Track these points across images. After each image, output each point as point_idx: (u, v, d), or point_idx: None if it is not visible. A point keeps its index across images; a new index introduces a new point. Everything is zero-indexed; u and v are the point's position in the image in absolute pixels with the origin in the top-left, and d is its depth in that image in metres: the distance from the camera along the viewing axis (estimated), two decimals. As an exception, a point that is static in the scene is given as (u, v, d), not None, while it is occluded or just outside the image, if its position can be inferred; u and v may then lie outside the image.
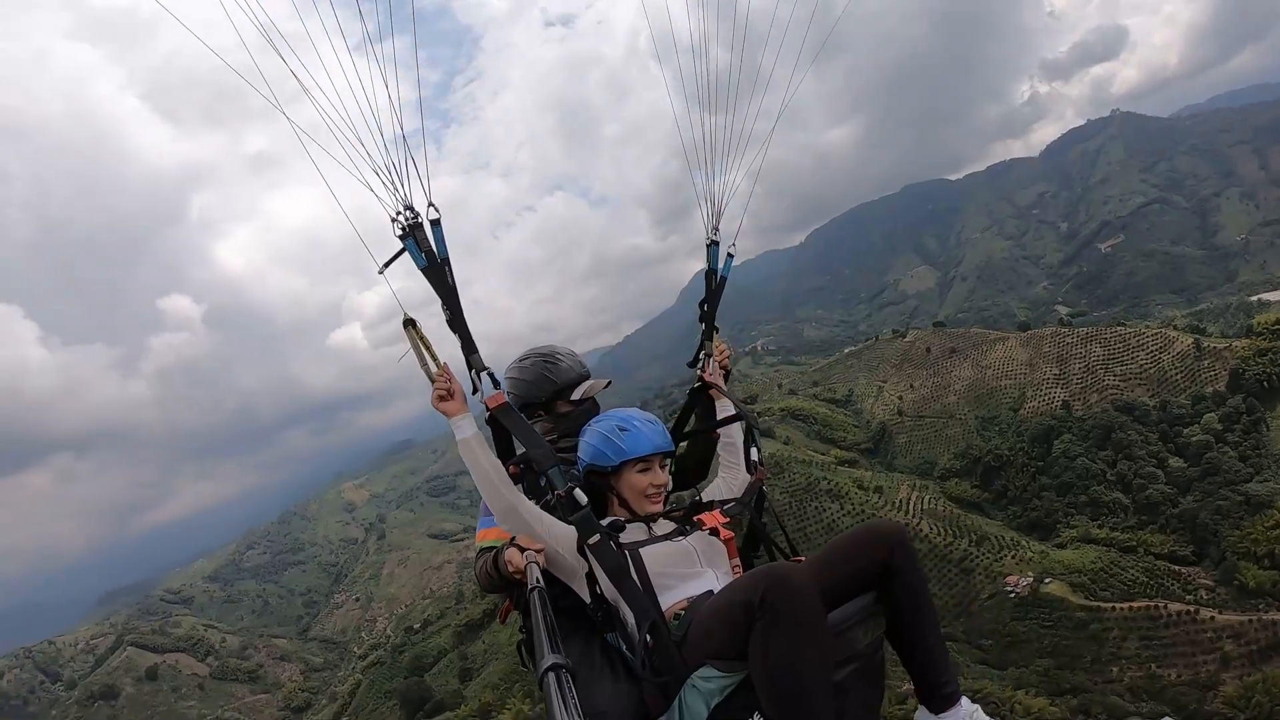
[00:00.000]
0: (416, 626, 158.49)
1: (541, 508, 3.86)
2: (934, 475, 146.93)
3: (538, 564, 3.62)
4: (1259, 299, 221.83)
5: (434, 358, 3.81)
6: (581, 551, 3.59)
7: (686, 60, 4.45)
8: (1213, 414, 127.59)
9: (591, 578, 3.61)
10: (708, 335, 5.02)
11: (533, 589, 3.42)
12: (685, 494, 4.58)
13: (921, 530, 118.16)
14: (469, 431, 3.76)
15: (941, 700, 3.41)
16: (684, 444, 4.78)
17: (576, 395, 4.63)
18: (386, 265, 3.77)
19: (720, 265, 5.05)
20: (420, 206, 3.73)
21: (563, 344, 4.83)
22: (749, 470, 4.38)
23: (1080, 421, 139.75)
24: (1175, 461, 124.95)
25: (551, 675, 2.49)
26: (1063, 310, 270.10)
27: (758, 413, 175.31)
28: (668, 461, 4.12)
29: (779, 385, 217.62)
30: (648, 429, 4.02)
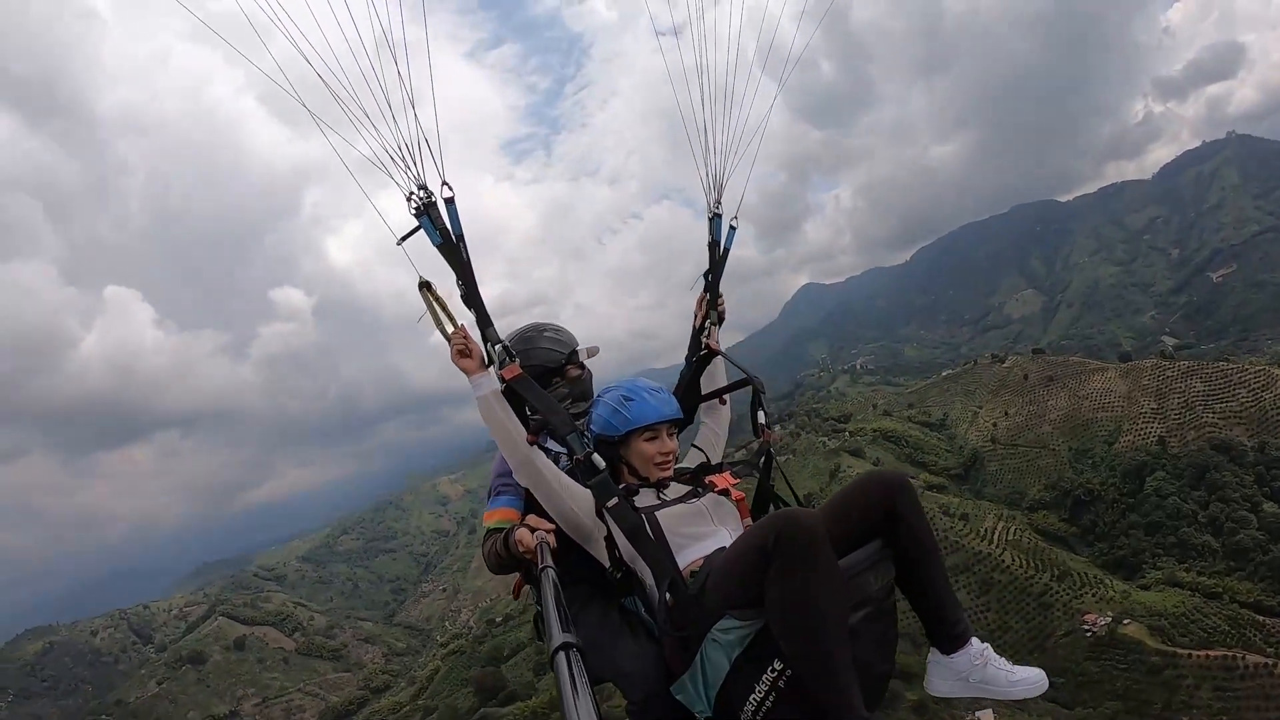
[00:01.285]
0: (499, 619, 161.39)
1: None
2: (1022, 506, 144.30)
3: (548, 544, 3.79)
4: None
5: (450, 318, 4.02)
6: (600, 515, 3.79)
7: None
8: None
9: (610, 541, 3.81)
10: (713, 305, 5.05)
11: (543, 568, 3.56)
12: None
13: (1004, 561, 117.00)
14: (488, 388, 3.95)
15: (952, 641, 3.54)
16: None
17: (583, 358, 4.92)
18: (404, 239, 3.92)
19: (723, 238, 5.07)
20: (434, 185, 3.87)
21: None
22: (756, 433, 4.55)
23: (1175, 459, 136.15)
24: (1270, 506, 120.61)
25: (562, 654, 2.53)
26: (1169, 341, 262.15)
27: (849, 432, 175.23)
28: (675, 429, 4.29)
29: (874, 405, 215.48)
30: (653, 398, 4.17)
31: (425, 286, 3.90)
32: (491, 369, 3.99)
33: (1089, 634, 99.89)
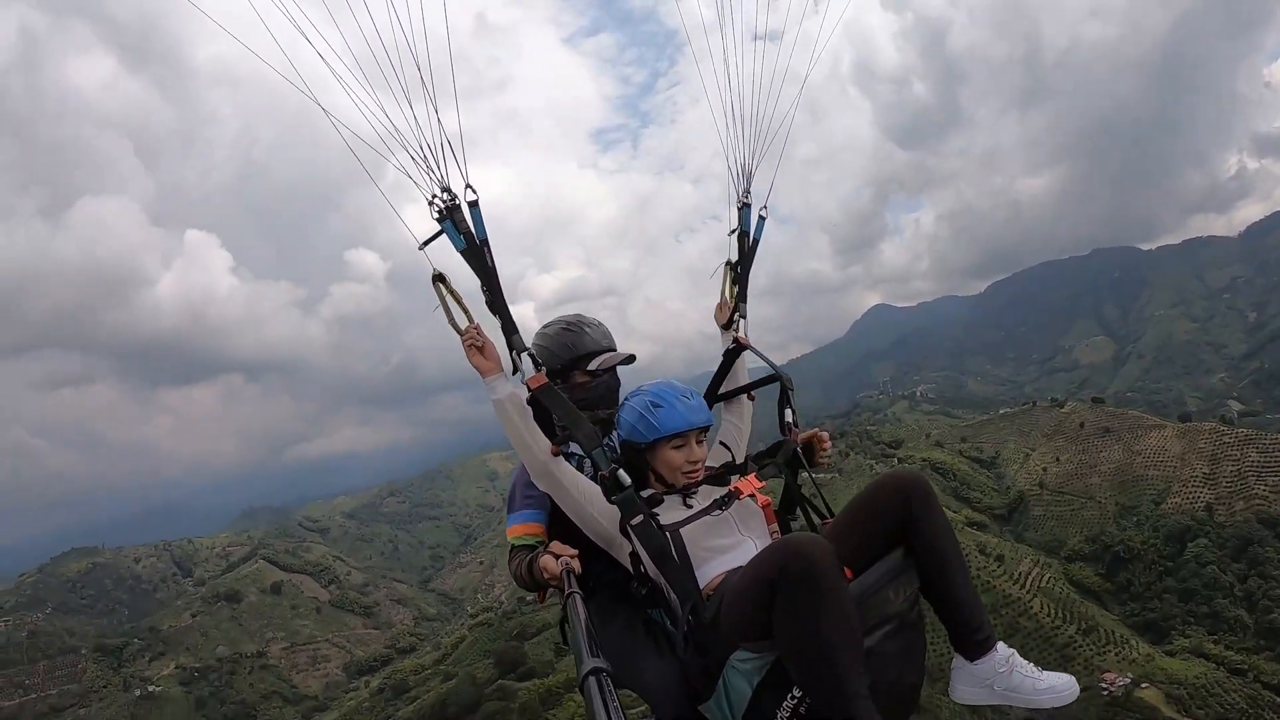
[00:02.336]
0: (529, 599, 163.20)
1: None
2: (1060, 555, 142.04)
3: (572, 570, 3.70)
4: None
5: (466, 313, 3.89)
6: (624, 531, 3.65)
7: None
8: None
9: (635, 557, 3.67)
10: (741, 297, 4.96)
11: (569, 594, 3.52)
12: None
13: (1032, 608, 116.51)
14: (504, 392, 3.82)
15: (976, 646, 3.43)
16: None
17: (593, 366, 4.61)
18: (426, 244, 3.81)
19: (752, 228, 5.00)
20: (458, 188, 3.77)
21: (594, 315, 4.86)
22: (783, 431, 4.39)
23: (1220, 527, 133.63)
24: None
25: (592, 679, 2.49)
26: (1235, 406, 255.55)
27: (899, 459, 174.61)
28: (703, 436, 4.09)
29: (927, 435, 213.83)
30: (682, 405, 3.97)
31: (439, 279, 3.86)
32: (516, 375, 3.92)
33: (1105, 693, 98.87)
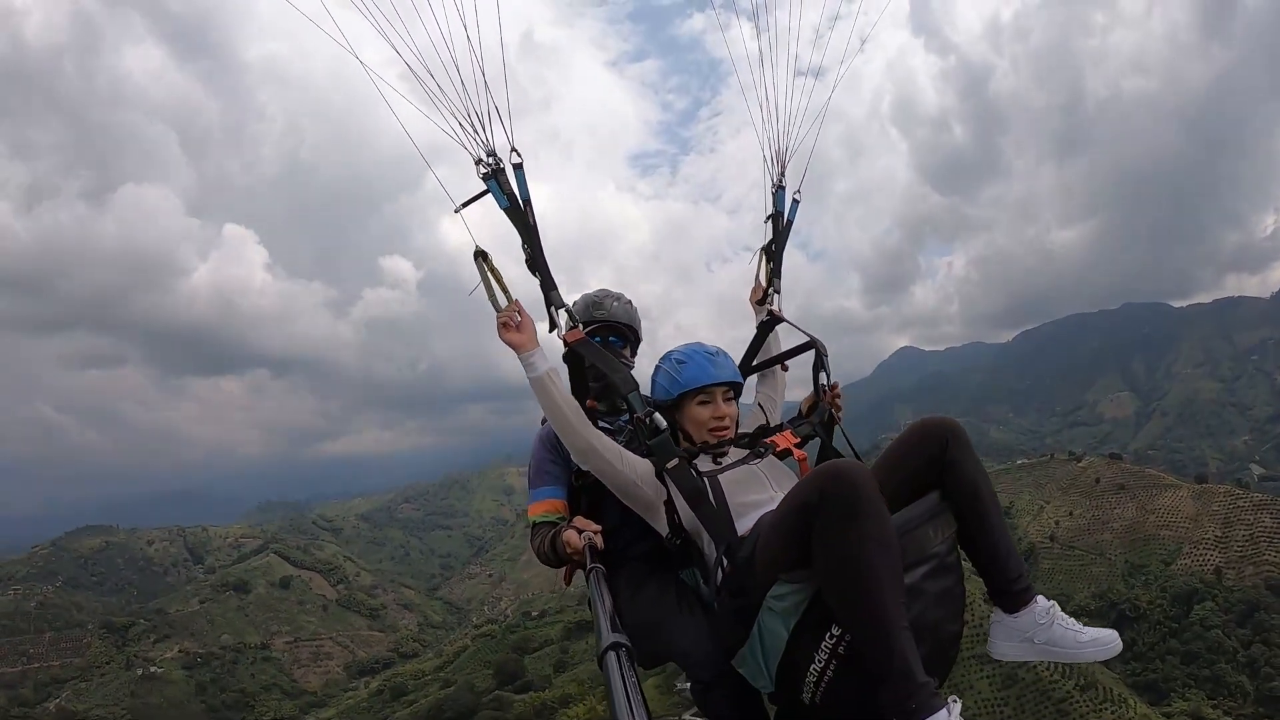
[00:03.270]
0: (534, 614, 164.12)
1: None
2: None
3: (595, 545, 3.71)
4: None
5: (505, 290, 3.91)
6: (660, 477, 3.60)
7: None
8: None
9: (670, 506, 3.62)
10: (776, 273, 5.00)
11: (590, 569, 3.52)
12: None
13: (1030, 660, 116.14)
14: (542, 368, 3.85)
15: (1015, 598, 3.35)
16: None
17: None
18: (465, 205, 3.89)
19: (786, 209, 5.06)
20: (503, 151, 3.83)
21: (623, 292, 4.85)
22: (818, 394, 4.39)
23: (1228, 591, 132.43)
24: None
25: (611, 654, 2.45)
26: (1256, 470, 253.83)
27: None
28: (732, 394, 4.05)
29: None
30: (709, 362, 3.97)
31: (481, 256, 3.89)
32: (553, 332, 4.02)
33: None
